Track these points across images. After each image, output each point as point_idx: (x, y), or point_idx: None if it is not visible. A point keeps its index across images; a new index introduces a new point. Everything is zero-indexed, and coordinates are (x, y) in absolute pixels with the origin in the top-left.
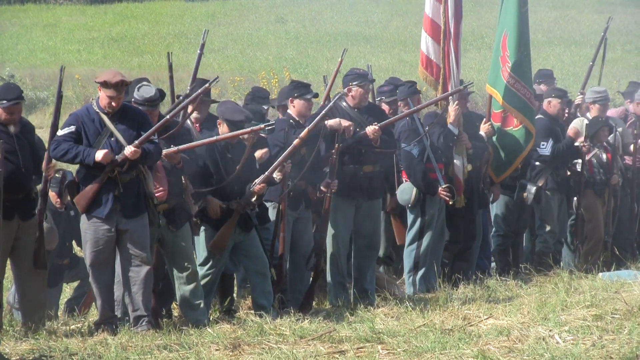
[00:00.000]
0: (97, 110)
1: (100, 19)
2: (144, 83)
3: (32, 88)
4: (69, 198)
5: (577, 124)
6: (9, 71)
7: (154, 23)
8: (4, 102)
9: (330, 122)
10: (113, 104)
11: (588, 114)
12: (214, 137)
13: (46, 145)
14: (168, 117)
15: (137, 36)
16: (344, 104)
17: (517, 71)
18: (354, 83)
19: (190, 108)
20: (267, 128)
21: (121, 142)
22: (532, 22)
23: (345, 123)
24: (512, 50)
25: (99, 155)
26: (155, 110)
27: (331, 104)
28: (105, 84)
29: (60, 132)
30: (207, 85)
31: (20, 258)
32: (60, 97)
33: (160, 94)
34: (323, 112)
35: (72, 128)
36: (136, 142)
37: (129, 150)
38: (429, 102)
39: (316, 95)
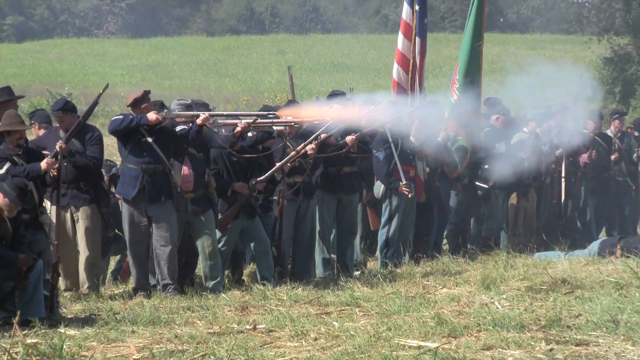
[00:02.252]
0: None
1: (139, 49)
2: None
3: (85, 104)
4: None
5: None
6: (68, 90)
7: (181, 54)
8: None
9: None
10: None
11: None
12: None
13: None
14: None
15: (168, 64)
16: None
17: (462, 93)
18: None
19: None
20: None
21: (154, 148)
22: None
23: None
24: (461, 76)
25: (151, 116)
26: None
27: (320, 131)
28: (135, 103)
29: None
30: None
31: (81, 238)
32: (95, 104)
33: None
34: (314, 135)
35: (121, 116)
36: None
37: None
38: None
39: None
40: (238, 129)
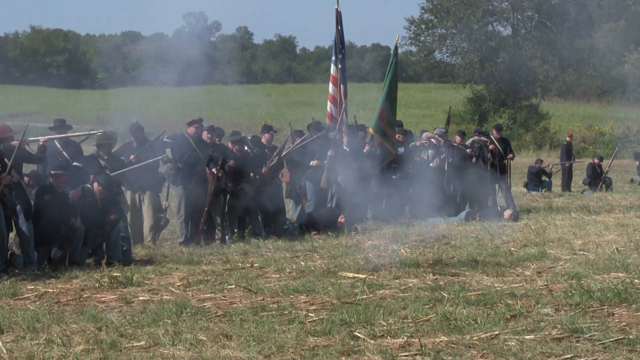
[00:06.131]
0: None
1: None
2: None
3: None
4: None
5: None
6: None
7: (208, 97)
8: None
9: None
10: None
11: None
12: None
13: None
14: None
15: (200, 102)
16: None
17: (388, 121)
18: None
19: None
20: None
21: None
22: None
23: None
24: (387, 112)
25: None
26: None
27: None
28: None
29: None
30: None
31: (145, 210)
32: (159, 136)
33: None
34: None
35: None
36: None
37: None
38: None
39: (275, 132)
40: None
